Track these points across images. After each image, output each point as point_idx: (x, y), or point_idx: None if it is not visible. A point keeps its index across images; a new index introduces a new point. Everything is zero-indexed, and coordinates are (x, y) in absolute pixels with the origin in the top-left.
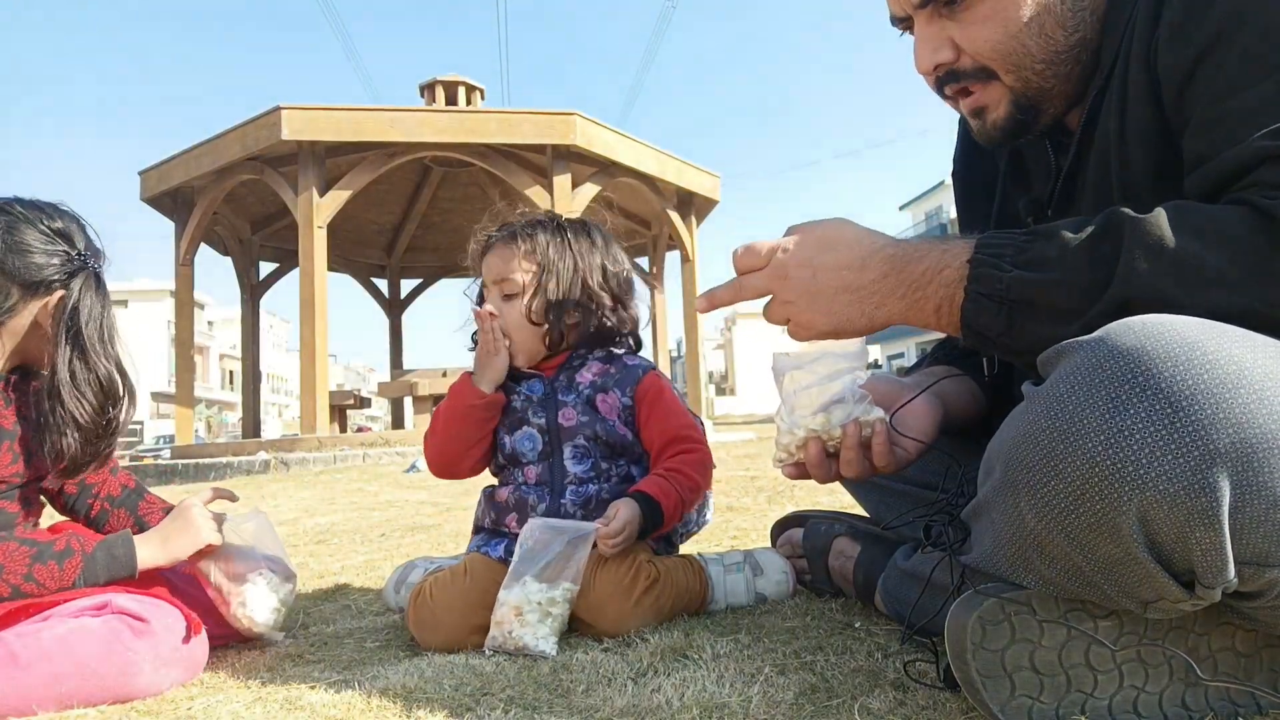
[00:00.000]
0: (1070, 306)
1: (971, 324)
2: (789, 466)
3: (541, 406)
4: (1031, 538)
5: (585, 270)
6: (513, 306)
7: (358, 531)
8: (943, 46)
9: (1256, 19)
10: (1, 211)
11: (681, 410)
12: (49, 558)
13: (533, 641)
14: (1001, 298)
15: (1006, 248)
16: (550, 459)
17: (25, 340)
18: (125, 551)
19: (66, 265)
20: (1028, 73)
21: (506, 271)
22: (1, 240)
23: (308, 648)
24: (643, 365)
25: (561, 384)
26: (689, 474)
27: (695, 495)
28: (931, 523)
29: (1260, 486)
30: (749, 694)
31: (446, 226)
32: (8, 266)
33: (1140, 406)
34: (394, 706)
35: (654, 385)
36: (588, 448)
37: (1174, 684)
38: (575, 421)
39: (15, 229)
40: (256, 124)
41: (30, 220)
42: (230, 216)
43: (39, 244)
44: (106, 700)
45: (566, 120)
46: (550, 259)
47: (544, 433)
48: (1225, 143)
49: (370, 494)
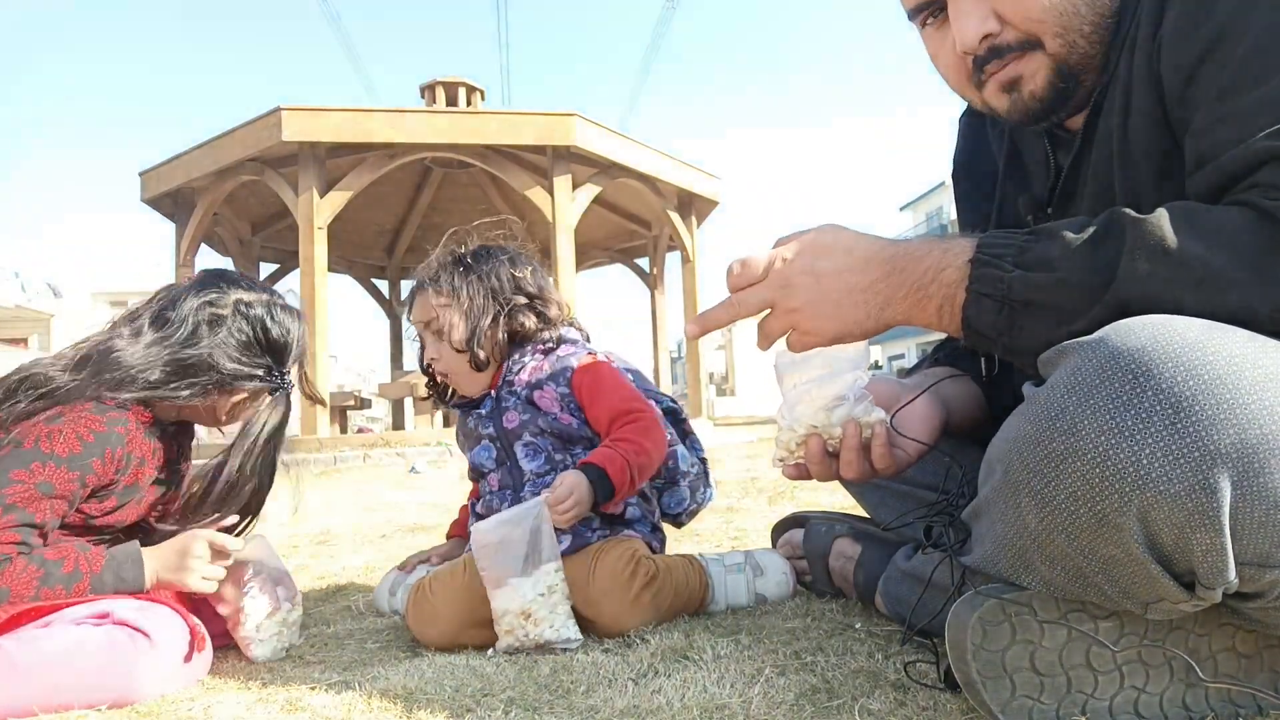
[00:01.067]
0: (1072, 306)
1: (973, 324)
2: (789, 467)
3: (489, 418)
4: (1032, 538)
5: (492, 284)
6: (441, 342)
7: (358, 533)
8: (988, 16)
9: (1258, 19)
10: (236, 311)
11: (621, 384)
12: (56, 581)
13: (554, 634)
14: (1003, 298)
15: (1008, 248)
16: (507, 463)
17: (196, 412)
18: (134, 575)
19: (265, 381)
20: (1075, 35)
21: (426, 315)
22: (224, 341)
23: (308, 649)
24: (577, 354)
25: (504, 392)
26: (635, 440)
27: (645, 458)
28: (932, 523)
29: (1261, 487)
30: (749, 695)
31: (447, 227)
32: (215, 365)
33: (1141, 407)
34: (394, 707)
35: (589, 370)
36: (537, 444)
37: (1175, 685)
38: (517, 422)
39: (239, 332)
40: (257, 125)
41: (254, 324)
42: (231, 217)
43: (249, 354)
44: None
45: (567, 121)
46: (457, 287)
47: (494, 440)
48: (1227, 144)
49: (371, 495)
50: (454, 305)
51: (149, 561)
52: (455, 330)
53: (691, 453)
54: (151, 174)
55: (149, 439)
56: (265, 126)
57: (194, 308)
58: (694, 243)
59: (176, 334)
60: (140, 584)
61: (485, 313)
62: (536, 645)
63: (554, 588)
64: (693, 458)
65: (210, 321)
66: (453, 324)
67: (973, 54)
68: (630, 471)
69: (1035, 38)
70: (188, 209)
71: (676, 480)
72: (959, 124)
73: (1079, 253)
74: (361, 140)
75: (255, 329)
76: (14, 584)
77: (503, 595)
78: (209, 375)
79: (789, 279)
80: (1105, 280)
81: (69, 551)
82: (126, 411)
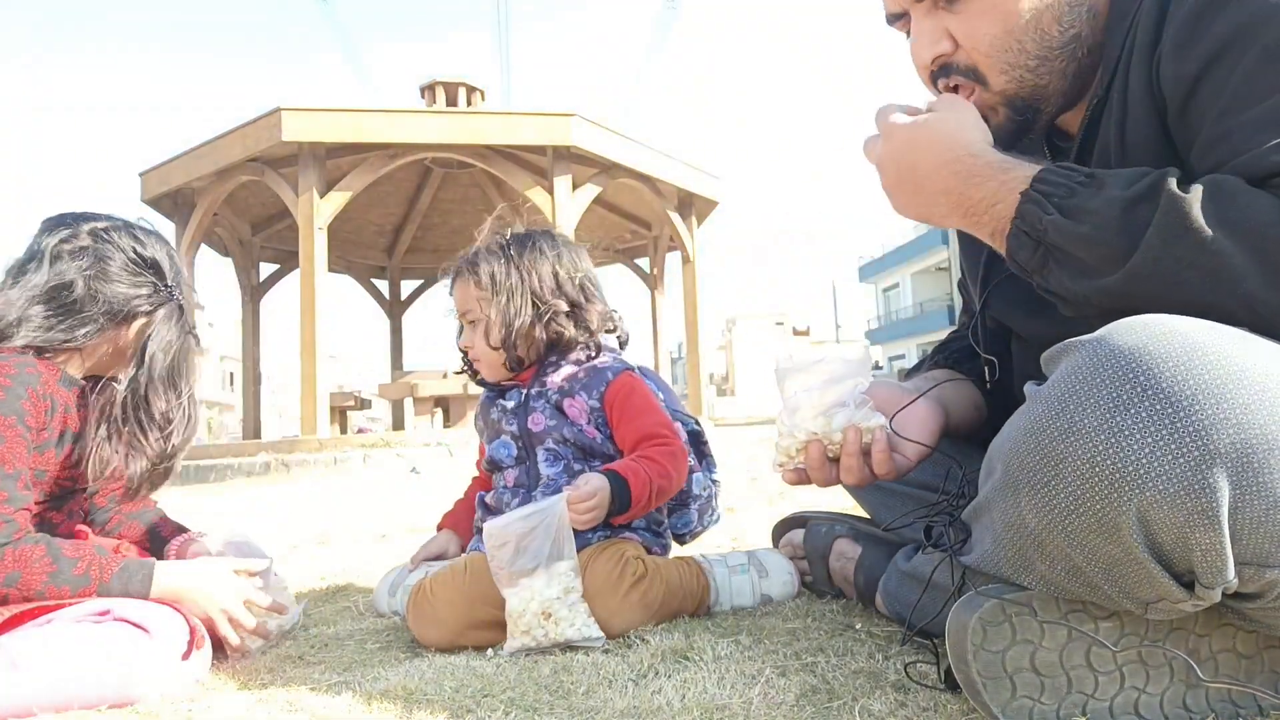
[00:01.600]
0: (1095, 264)
1: (1014, 256)
2: (789, 472)
3: (514, 415)
4: (1032, 538)
5: (535, 284)
6: (477, 334)
7: (358, 533)
8: (941, 39)
9: (1260, 33)
10: (95, 238)
11: (653, 408)
12: (64, 582)
13: (577, 633)
14: (1039, 239)
15: (1057, 187)
16: (526, 463)
17: (102, 358)
18: (141, 589)
19: (153, 297)
20: (1020, 70)
21: (465, 305)
22: (94, 268)
23: (308, 649)
24: (613, 368)
25: (534, 391)
26: (660, 462)
27: (666, 481)
28: (932, 524)
29: (1260, 487)
30: (750, 695)
31: (447, 228)
32: (98, 295)
33: (1141, 407)
34: (394, 708)
35: (623, 387)
36: (559, 451)
37: (1175, 685)
38: (543, 426)
39: (107, 258)
40: (257, 125)
41: (122, 248)
42: (230, 218)
43: (128, 274)
44: (106, 707)
45: (567, 121)
46: (499, 284)
47: (517, 439)
48: (1235, 152)
49: (371, 495)
50: (492, 302)
51: (162, 578)
52: (492, 330)
53: (706, 475)
54: (151, 174)
55: (63, 388)
56: (265, 127)
57: (50, 246)
58: (694, 243)
59: (38, 275)
60: (145, 595)
61: (522, 314)
62: (557, 644)
63: (571, 588)
64: (706, 480)
65: (72, 254)
66: (490, 322)
67: (928, 70)
68: (651, 490)
69: (980, 72)
70: (188, 209)
71: (687, 503)
72: None
73: (1114, 212)
74: (361, 140)
75: (124, 250)
76: (25, 571)
77: (519, 594)
78: (95, 307)
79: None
80: (1128, 248)
81: (86, 552)
82: (28, 357)
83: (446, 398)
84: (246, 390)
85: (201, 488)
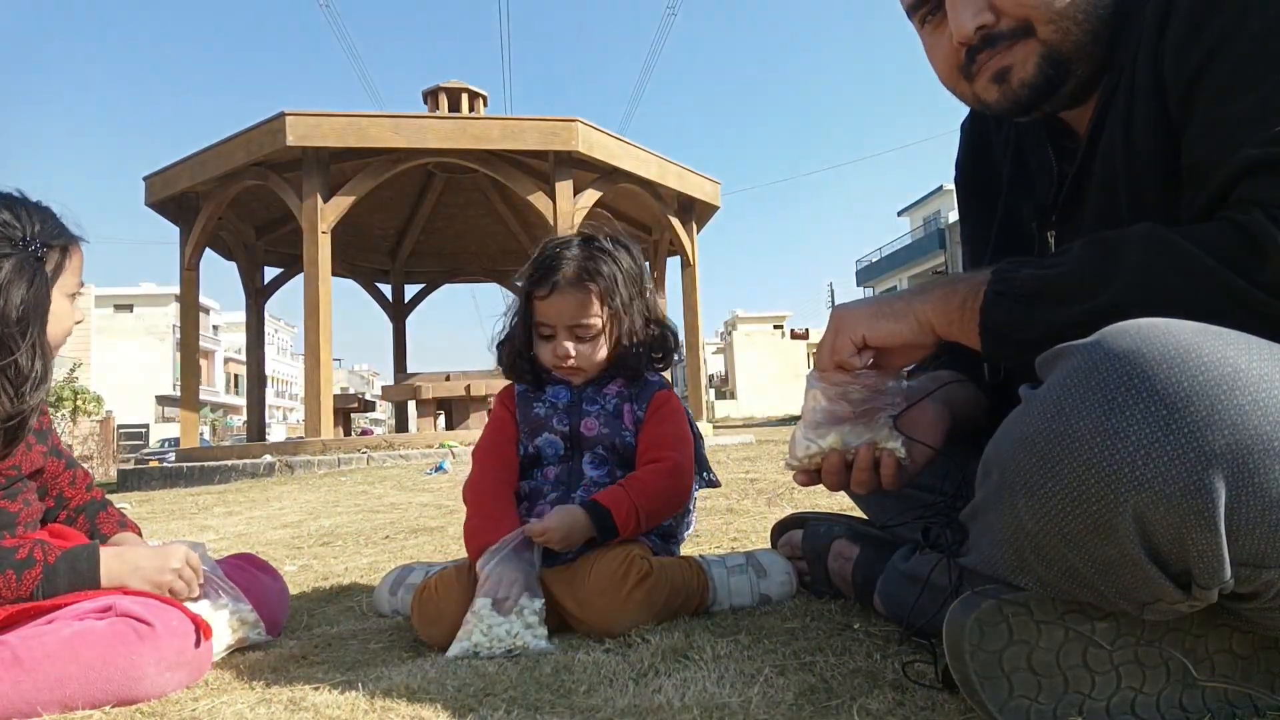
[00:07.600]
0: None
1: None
2: (801, 474)
3: (566, 414)
4: (1029, 539)
5: (644, 310)
6: (590, 346)
7: (362, 534)
8: (984, 10)
9: (1256, 22)
10: None
11: (680, 425)
12: (7, 566)
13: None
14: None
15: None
16: (570, 461)
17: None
18: (89, 566)
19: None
20: (1068, 21)
21: (583, 316)
22: None
23: (312, 649)
24: (659, 382)
25: (588, 395)
26: (648, 481)
27: (657, 501)
28: (930, 524)
29: (1256, 487)
30: (749, 695)
31: (450, 232)
32: None
33: (1136, 408)
34: (397, 707)
35: (664, 402)
36: (605, 456)
37: (1171, 685)
38: (596, 431)
39: None
40: (261, 130)
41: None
42: (235, 221)
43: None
44: (110, 703)
45: (569, 127)
46: (622, 296)
47: (565, 439)
48: (1218, 150)
49: (374, 496)
50: (614, 325)
51: (109, 560)
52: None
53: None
54: (156, 178)
55: None
56: (269, 131)
57: None
58: (694, 247)
59: None
60: (94, 575)
61: (634, 335)
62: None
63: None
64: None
65: None
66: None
67: (968, 44)
68: (637, 517)
69: (1028, 23)
70: (192, 213)
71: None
72: (962, 130)
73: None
74: (365, 145)
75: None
76: None
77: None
78: None
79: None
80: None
81: (27, 540)
82: None
83: (449, 400)
84: (251, 393)
85: (206, 489)
